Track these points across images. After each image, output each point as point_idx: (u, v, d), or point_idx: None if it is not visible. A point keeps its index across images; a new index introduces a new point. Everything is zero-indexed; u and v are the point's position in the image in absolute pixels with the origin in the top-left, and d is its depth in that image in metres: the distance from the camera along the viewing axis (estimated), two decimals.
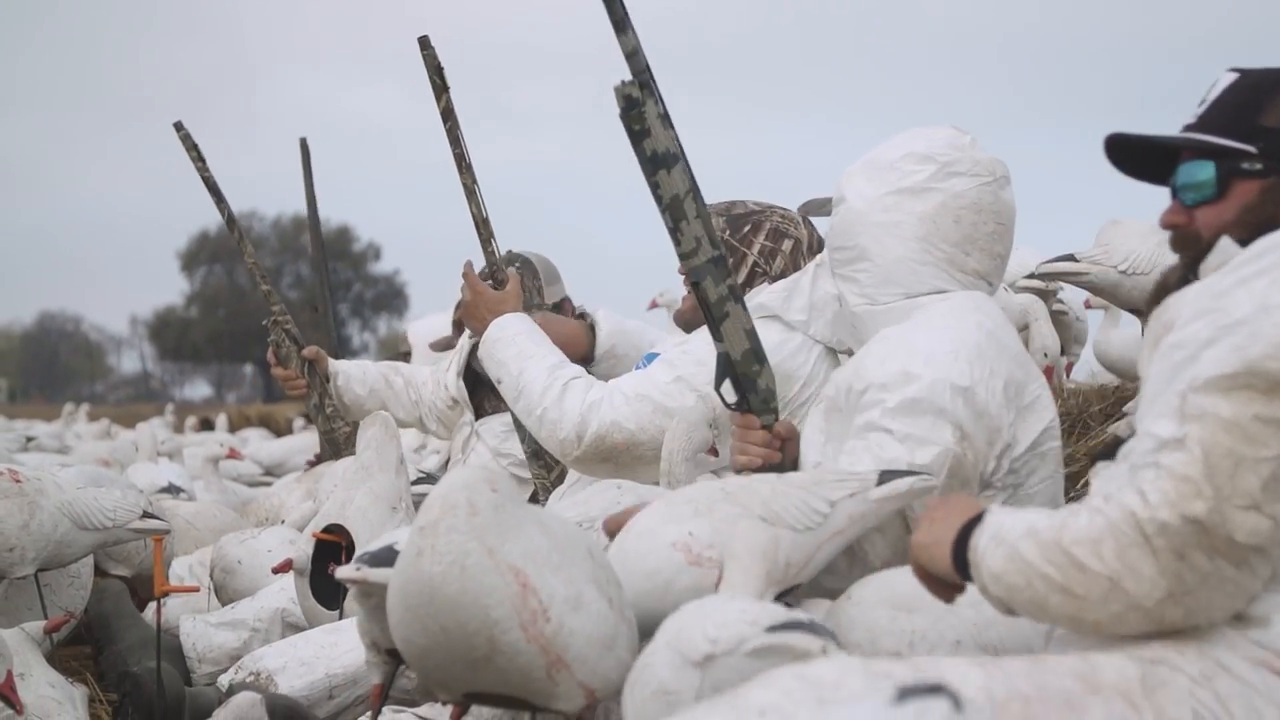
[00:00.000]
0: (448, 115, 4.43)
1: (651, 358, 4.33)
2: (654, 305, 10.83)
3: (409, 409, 5.64)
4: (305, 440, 13.00)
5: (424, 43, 4.42)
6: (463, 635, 2.67)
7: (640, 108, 3.34)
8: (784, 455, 3.51)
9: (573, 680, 2.70)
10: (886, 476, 3.17)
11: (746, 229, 4.30)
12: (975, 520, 2.46)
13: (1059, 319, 6.85)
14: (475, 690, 2.80)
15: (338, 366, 5.62)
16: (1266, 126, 2.58)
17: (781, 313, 4.13)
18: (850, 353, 3.74)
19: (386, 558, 3.02)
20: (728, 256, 3.47)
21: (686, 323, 4.34)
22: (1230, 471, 2.17)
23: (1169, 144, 2.67)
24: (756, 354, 3.47)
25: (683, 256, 3.42)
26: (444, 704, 3.15)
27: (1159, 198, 2.72)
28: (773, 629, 2.52)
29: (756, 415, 3.50)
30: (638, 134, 3.36)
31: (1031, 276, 6.26)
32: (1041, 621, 2.41)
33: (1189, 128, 2.66)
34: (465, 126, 4.39)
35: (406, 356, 9.28)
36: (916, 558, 2.55)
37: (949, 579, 2.50)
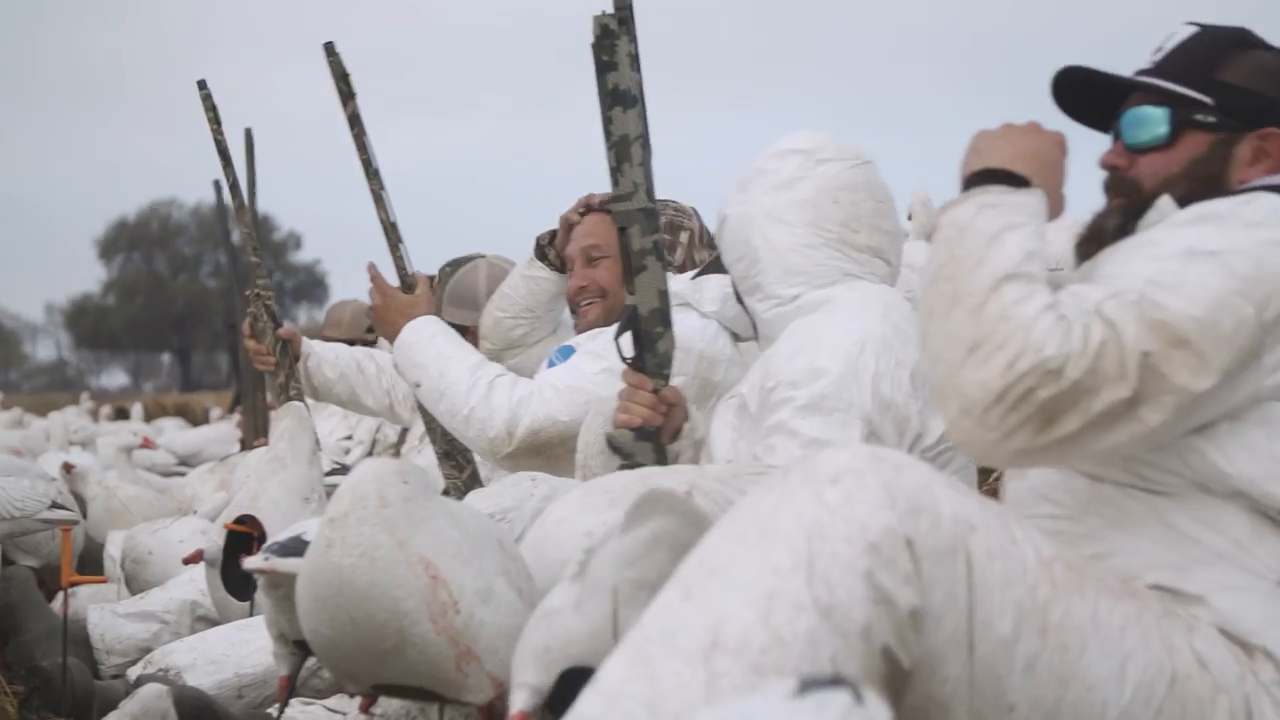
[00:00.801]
0: (354, 121, 4.38)
1: (566, 351, 4.33)
2: None
3: (379, 396, 5.58)
4: (222, 430, 12.92)
5: (329, 49, 4.37)
6: (372, 627, 2.65)
7: (614, 40, 3.36)
8: (666, 422, 3.49)
9: (482, 672, 2.70)
10: None
11: (664, 221, 4.33)
12: (1019, 181, 2.37)
13: None
14: (384, 682, 2.79)
15: (311, 347, 5.55)
16: (1223, 81, 2.56)
17: (695, 302, 4.17)
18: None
19: (295, 548, 3.00)
20: (659, 212, 3.48)
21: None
22: (1094, 387, 2.19)
23: (1125, 84, 2.64)
24: (664, 316, 3.45)
25: (616, 198, 3.42)
26: (352, 696, 3.13)
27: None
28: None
29: (649, 377, 3.48)
30: (605, 65, 3.37)
31: None
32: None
33: (1144, 73, 2.63)
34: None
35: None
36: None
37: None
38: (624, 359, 3.50)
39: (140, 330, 59.38)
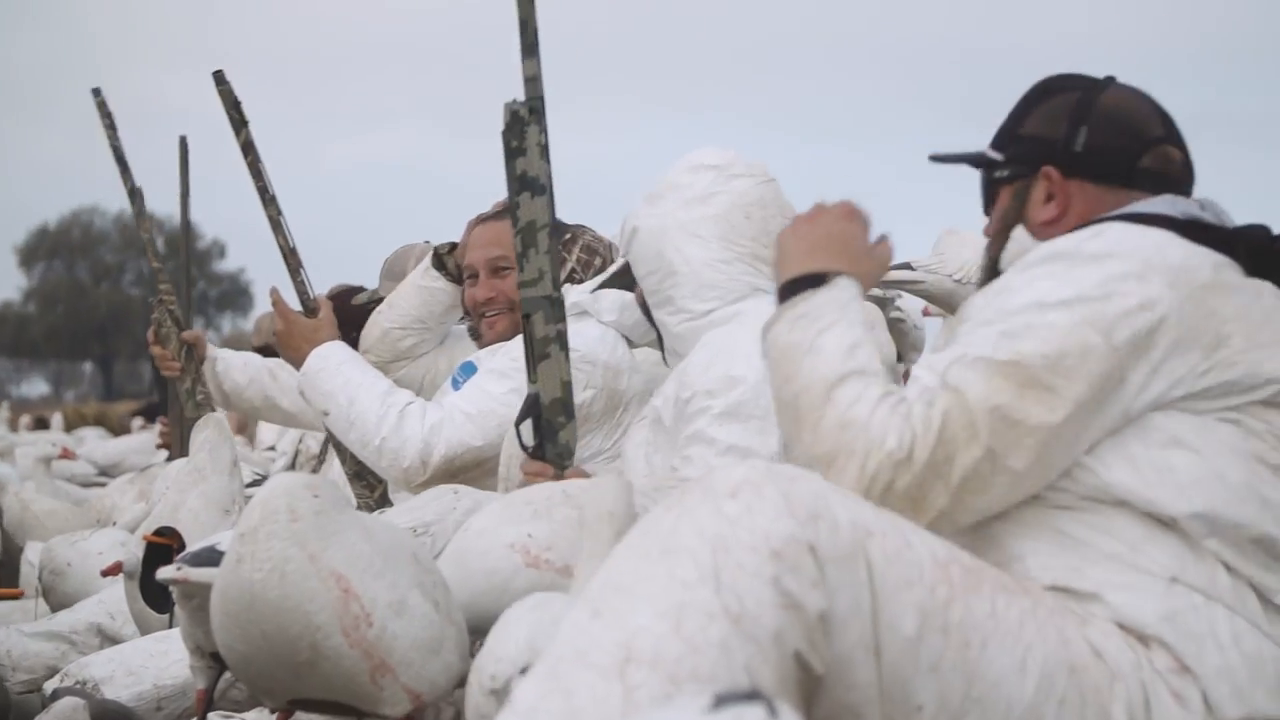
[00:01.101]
0: (248, 149, 4.36)
1: (468, 368, 4.33)
2: None
3: (295, 398, 5.54)
4: (142, 440, 12.82)
5: (219, 78, 4.35)
6: (285, 641, 2.65)
7: (524, 127, 3.42)
8: None
9: (397, 684, 2.70)
10: None
11: (566, 238, 4.37)
12: (820, 278, 2.47)
13: (896, 326, 6.92)
14: (300, 696, 2.79)
15: (216, 353, 5.51)
16: (1021, 134, 2.69)
17: (594, 312, 4.19)
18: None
19: (209, 558, 2.99)
20: (564, 303, 3.50)
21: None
22: (948, 457, 2.29)
23: (948, 161, 2.81)
24: (566, 407, 3.46)
25: (523, 284, 3.45)
26: (271, 711, 3.12)
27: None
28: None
29: (550, 465, 3.47)
30: (514, 150, 3.42)
31: None
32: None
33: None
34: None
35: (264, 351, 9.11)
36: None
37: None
38: (524, 447, 3.49)
39: (61, 339, 58.79)
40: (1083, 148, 2.63)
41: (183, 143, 7.08)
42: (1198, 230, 2.49)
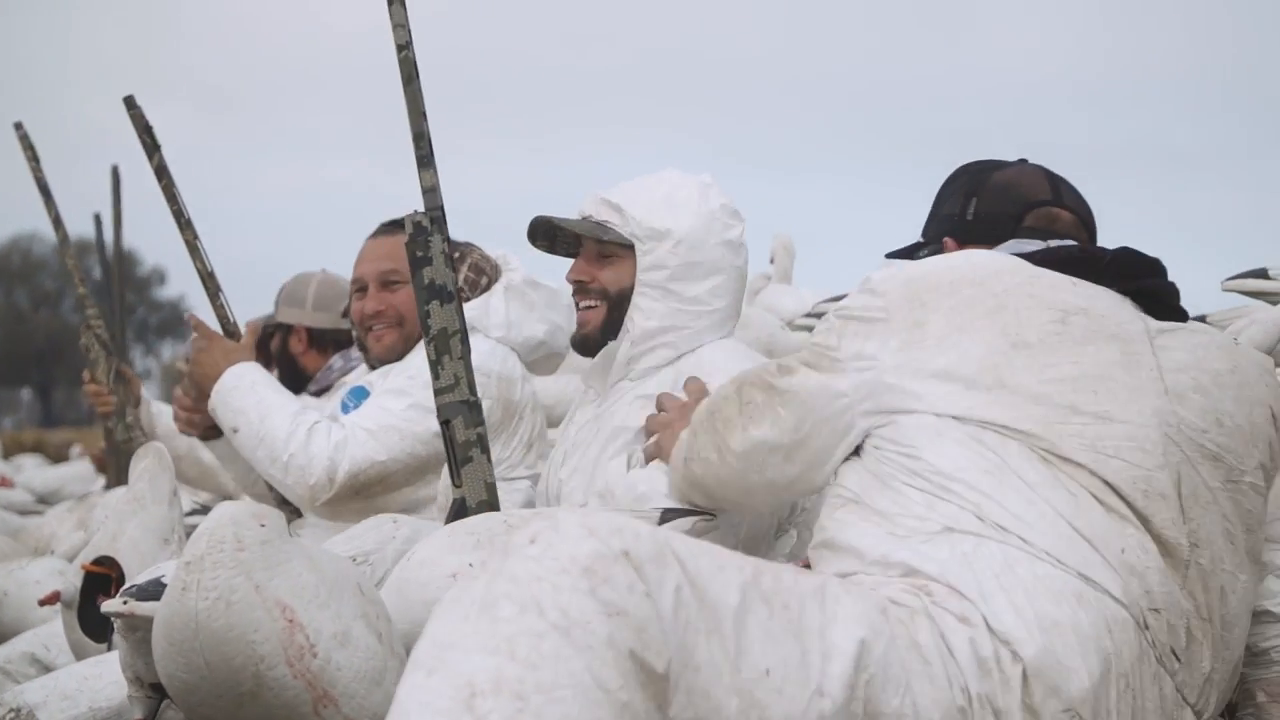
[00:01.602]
0: (161, 174, 4.34)
1: (358, 393, 4.37)
2: None
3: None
4: (81, 468, 12.72)
5: (129, 102, 4.34)
6: (228, 671, 2.65)
7: (427, 237, 3.47)
8: None
9: (339, 715, 2.71)
10: (669, 515, 3.21)
11: (456, 255, 4.39)
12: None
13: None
14: None
15: (149, 401, 5.51)
16: (935, 215, 3.16)
17: (483, 329, 4.28)
18: None
19: (154, 591, 2.98)
20: (481, 406, 3.52)
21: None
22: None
23: (898, 256, 3.21)
24: (492, 507, 3.45)
25: (438, 391, 3.48)
26: None
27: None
28: None
29: None
30: (419, 260, 3.48)
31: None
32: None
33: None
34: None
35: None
36: None
37: None
38: None
39: None
40: (973, 216, 3.07)
41: (114, 172, 7.07)
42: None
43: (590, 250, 3.74)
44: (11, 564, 5.40)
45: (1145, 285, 2.85)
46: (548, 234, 3.80)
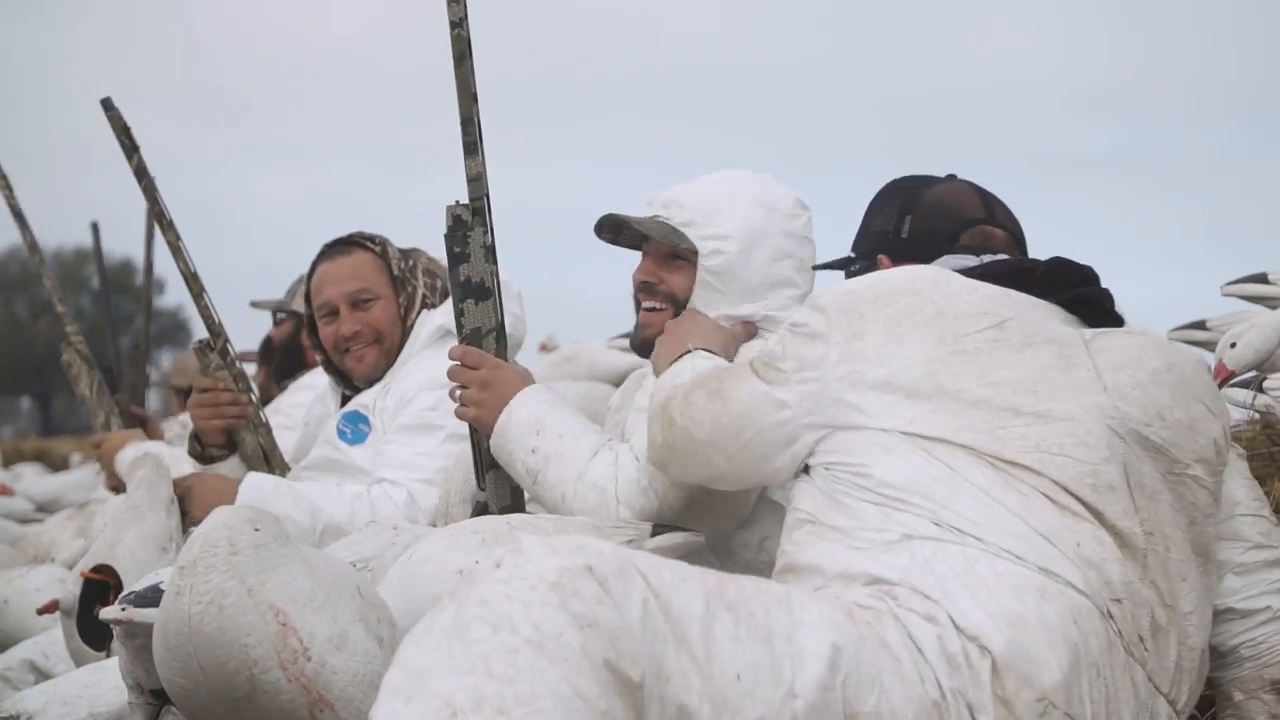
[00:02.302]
0: (141, 174, 4.31)
1: (354, 417, 4.30)
2: (543, 349, 10.46)
3: None
4: (81, 476, 12.71)
5: (107, 104, 4.32)
6: (222, 675, 2.66)
7: (467, 231, 3.39)
8: None
9: (336, 719, 2.70)
10: (659, 530, 3.24)
11: (410, 262, 4.38)
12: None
13: None
14: None
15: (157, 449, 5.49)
16: (867, 231, 3.25)
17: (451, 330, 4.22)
18: None
19: (153, 598, 2.99)
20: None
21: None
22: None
23: (823, 268, 3.39)
24: (518, 511, 3.44)
25: None
26: None
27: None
28: None
29: None
30: (457, 256, 3.41)
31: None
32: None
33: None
34: None
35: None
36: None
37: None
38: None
39: None
40: (908, 234, 3.16)
41: (95, 228, 7.07)
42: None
43: (659, 251, 3.62)
44: (11, 571, 5.42)
45: (1079, 294, 2.89)
46: (614, 226, 3.66)
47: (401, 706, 2.09)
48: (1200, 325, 4.68)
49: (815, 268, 3.41)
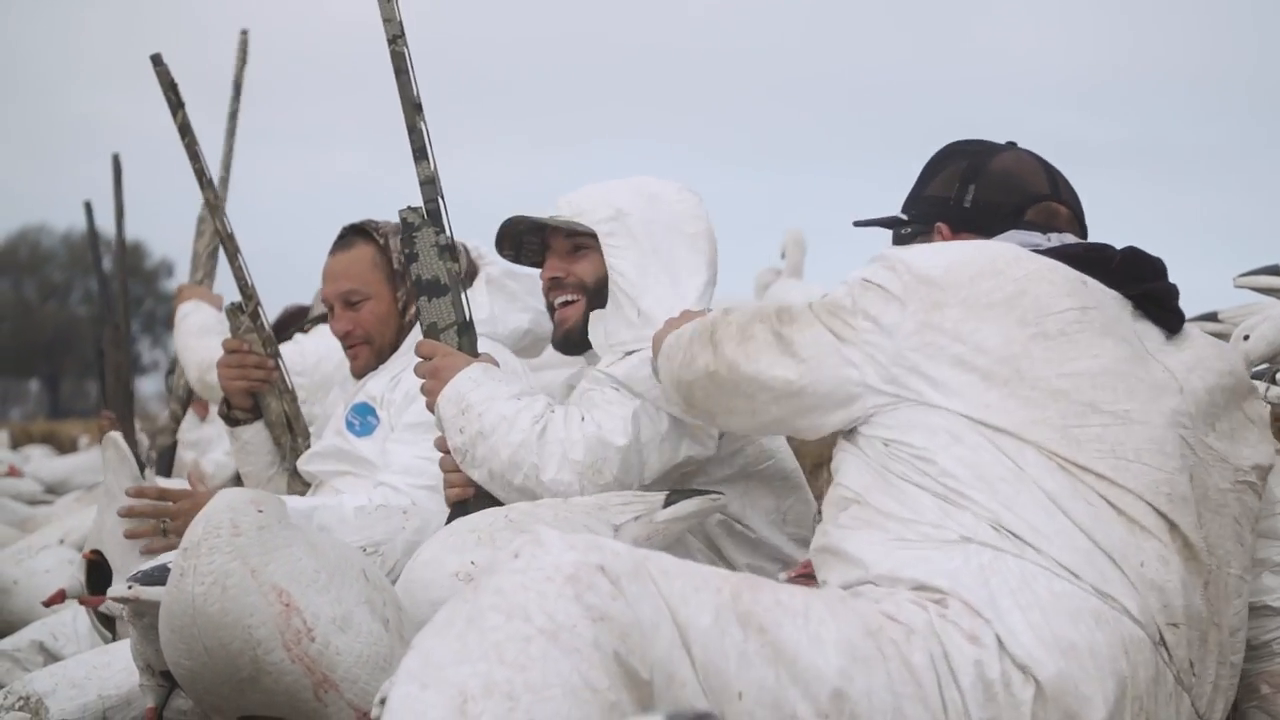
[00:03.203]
0: (184, 131, 4.33)
1: (362, 409, 4.25)
2: None
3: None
4: (90, 457, 12.73)
5: (156, 60, 4.34)
6: (226, 656, 2.66)
7: (413, 232, 3.48)
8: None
9: (341, 700, 2.71)
10: (674, 497, 3.22)
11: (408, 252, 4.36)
12: None
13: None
14: (247, 713, 2.79)
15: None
16: (923, 196, 3.08)
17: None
18: None
19: (160, 576, 2.99)
20: None
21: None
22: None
23: (867, 225, 3.19)
24: (491, 500, 3.41)
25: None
26: None
27: None
28: None
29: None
30: (409, 256, 3.50)
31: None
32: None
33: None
34: None
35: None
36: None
37: None
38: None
39: (8, 356, 58.37)
40: (971, 204, 3.00)
41: (115, 161, 7.05)
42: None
43: (561, 246, 3.66)
44: (20, 553, 5.43)
45: (1150, 288, 2.81)
46: (514, 243, 3.73)
47: (417, 691, 2.10)
48: (1213, 317, 4.68)
49: (859, 223, 3.25)
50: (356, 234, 4.37)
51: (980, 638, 2.41)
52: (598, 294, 3.61)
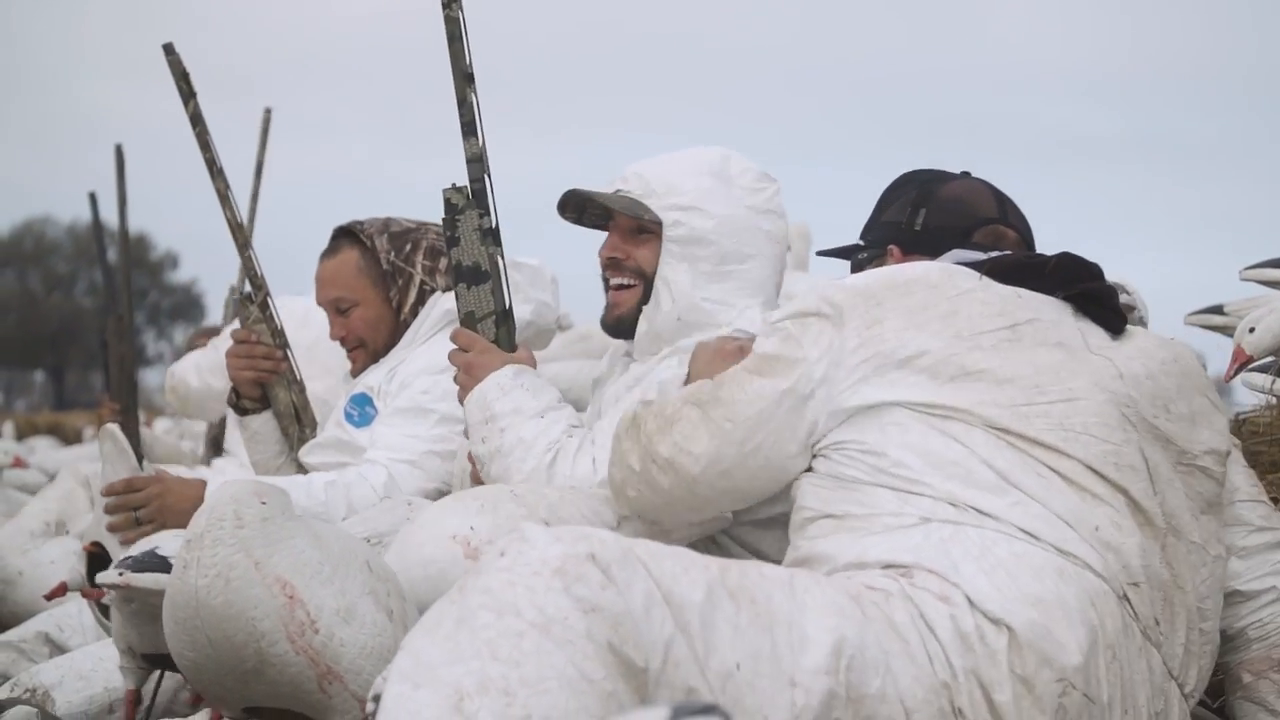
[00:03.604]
0: (196, 120, 4.34)
1: (361, 399, 4.28)
2: (559, 328, 10.27)
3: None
4: (95, 449, 12.74)
5: (168, 49, 4.34)
6: (230, 648, 2.67)
7: (457, 215, 3.38)
8: None
9: (346, 692, 2.71)
10: None
11: (407, 248, 4.33)
12: None
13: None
14: (252, 704, 2.80)
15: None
16: (878, 222, 3.22)
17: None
18: None
19: (150, 562, 3.02)
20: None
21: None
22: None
23: (828, 255, 3.36)
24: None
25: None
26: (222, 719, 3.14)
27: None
28: None
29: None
30: (449, 240, 3.40)
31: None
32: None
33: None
34: None
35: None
36: None
37: None
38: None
39: (13, 348, 58.37)
40: (921, 228, 3.13)
41: (118, 151, 7.05)
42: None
43: (624, 225, 3.54)
44: (25, 543, 5.43)
45: (1086, 289, 2.89)
46: (577, 205, 3.61)
47: (410, 691, 2.11)
48: (1218, 310, 4.67)
49: (821, 253, 3.34)
50: (344, 237, 4.38)
51: (950, 597, 2.50)
52: (655, 280, 3.51)
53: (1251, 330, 3.81)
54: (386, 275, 4.31)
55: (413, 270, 4.30)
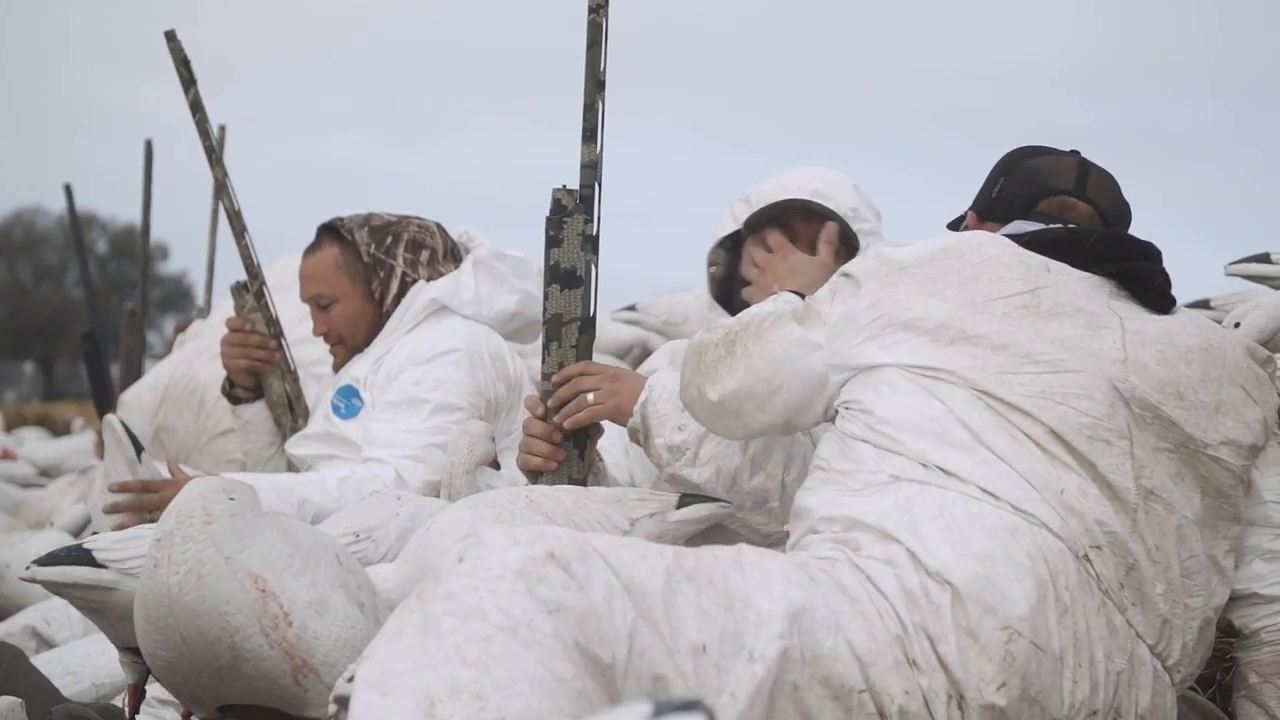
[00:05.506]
0: (195, 108, 4.36)
1: (347, 392, 4.29)
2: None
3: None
4: (84, 441, 12.72)
5: (170, 36, 4.35)
6: (204, 644, 2.67)
7: (563, 217, 3.35)
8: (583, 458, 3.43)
9: (321, 684, 2.72)
10: (686, 500, 3.26)
11: (388, 241, 4.34)
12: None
13: None
14: (226, 702, 2.80)
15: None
16: (980, 190, 3.23)
17: (454, 306, 4.28)
18: None
19: (65, 557, 3.03)
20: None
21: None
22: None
23: (954, 226, 3.31)
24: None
25: (544, 375, 3.39)
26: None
27: None
28: None
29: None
30: (551, 239, 3.36)
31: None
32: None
33: None
34: None
35: None
36: None
37: None
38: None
39: (2, 339, 58.29)
40: (996, 195, 3.17)
41: (148, 147, 7.03)
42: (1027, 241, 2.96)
43: (804, 231, 3.75)
44: (12, 536, 5.43)
45: (1130, 267, 2.91)
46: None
47: (379, 699, 2.12)
48: (1204, 304, 4.67)
49: (950, 225, 3.35)
50: (325, 233, 4.40)
51: (894, 559, 2.61)
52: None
53: (1237, 325, 3.82)
54: (368, 268, 4.32)
55: (394, 262, 4.31)
